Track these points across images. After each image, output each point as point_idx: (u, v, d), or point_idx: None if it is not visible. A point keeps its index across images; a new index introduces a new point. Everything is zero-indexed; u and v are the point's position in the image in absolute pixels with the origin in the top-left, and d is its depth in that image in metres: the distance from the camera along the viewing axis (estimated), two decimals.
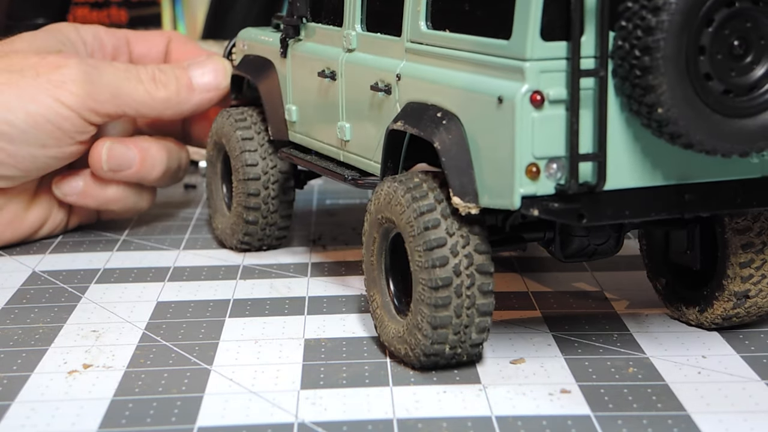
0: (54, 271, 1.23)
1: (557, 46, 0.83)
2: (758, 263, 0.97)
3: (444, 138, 0.90)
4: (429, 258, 0.88)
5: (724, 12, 0.83)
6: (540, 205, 0.84)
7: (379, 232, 0.95)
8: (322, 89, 1.12)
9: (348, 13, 1.08)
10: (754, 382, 0.90)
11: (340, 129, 1.09)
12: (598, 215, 0.85)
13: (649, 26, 0.81)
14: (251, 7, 2.12)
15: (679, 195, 0.88)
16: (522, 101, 0.83)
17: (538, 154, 0.84)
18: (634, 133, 0.86)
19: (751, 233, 0.96)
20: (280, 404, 0.88)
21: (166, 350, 0.99)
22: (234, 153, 1.25)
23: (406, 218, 0.90)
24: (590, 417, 0.84)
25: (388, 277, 0.96)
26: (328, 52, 1.11)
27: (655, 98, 0.82)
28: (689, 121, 0.83)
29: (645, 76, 0.82)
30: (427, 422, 0.84)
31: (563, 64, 0.83)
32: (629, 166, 0.86)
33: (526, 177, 0.84)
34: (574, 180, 0.84)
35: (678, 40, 0.82)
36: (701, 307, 1.00)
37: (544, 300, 1.10)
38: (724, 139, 0.85)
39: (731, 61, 0.84)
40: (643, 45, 0.81)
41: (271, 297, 1.13)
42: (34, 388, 0.92)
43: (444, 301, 0.88)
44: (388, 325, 0.95)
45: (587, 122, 0.84)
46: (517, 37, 0.84)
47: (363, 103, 1.05)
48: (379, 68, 1.02)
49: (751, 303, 0.99)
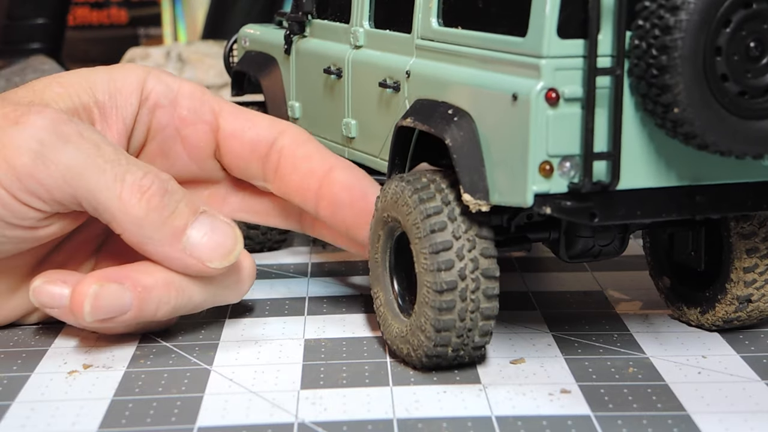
0: None
1: (574, 44, 0.83)
2: (762, 268, 0.97)
3: (455, 135, 0.89)
4: (435, 261, 0.88)
5: (741, 13, 0.83)
6: (552, 203, 0.84)
7: (384, 231, 0.95)
8: (328, 86, 1.12)
9: (356, 10, 1.08)
10: (754, 382, 0.90)
11: (346, 126, 1.09)
12: (610, 214, 0.85)
13: (667, 25, 0.81)
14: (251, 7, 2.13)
15: (690, 197, 0.87)
16: (537, 99, 0.83)
17: (552, 152, 0.83)
18: (648, 134, 0.86)
19: (757, 238, 0.96)
20: (280, 404, 0.88)
21: (166, 350, 0.99)
22: None
23: (413, 219, 0.90)
24: (590, 417, 0.84)
25: (392, 275, 0.96)
26: (334, 49, 1.11)
27: (671, 98, 0.82)
28: (705, 122, 0.83)
29: (662, 76, 0.82)
30: (427, 422, 0.84)
31: (579, 62, 0.83)
32: (642, 167, 0.86)
33: (540, 175, 0.83)
34: (588, 178, 0.83)
35: (695, 40, 0.81)
36: (703, 309, 1.00)
37: (544, 300, 1.10)
38: (739, 141, 0.84)
39: (747, 63, 0.84)
40: (661, 44, 0.81)
41: (271, 297, 1.13)
42: (34, 388, 0.92)
43: (448, 305, 0.88)
44: (392, 324, 0.95)
45: (602, 121, 0.84)
46: (533, 34, 0.84)
47: (370, 101, 1.05)
48: (387, 65, 1.02)
49: (753, 307, 0.99)
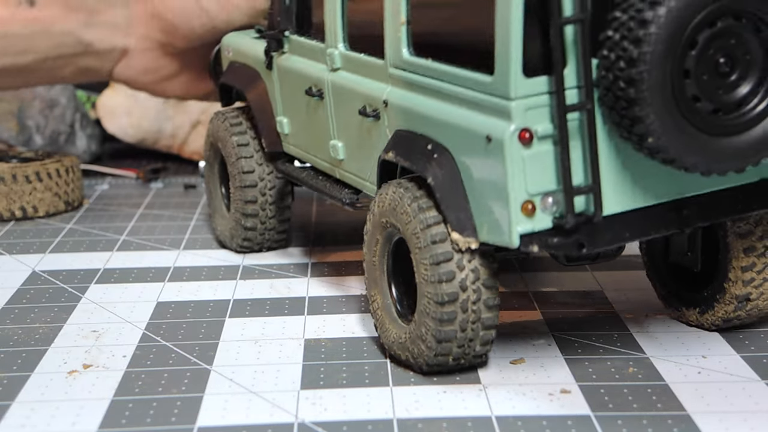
0: (54, 270, 1.23)
1: (541, 81, 0.82)
2: (760, 267, 0.97)
3: (437, 173, 0.88)
4: (435, 272, 0.87)
5: (707, 33, 0.81)
6: (539, 241, 0.83)
7: (383, 235, 0.94)
8: (311, 106, 1.10)
9: (329, 31, 1.04)
10: (755, 382, 0.90)
11: (333, 148, 1.06)
12: (598, 242, 0.85)
13: (632, 58, 0.79)
14: None
15: (677, 211, 0.87)
16: (511, 140, 0.82)
17: (533, 190, 0.83)
18: (627, 157, 0.84)
19: (753, 237, 0.96)
20: (280, 404, 0.88)
21: (166, 350, 0.99)
22: (230, 159, 1.24)
23: (412, 229, 0.89)
24: (590, 417, 0.84)
25: (390, 280, 0.96)
26: (313, 69, 1.08)
27: (644, 128, 0.81)
28: (680, 147, 0.82)
29: (631, 108, 0.80)
30: (427, 422, 0.84)
31: (549, 98, 0.82)
32: (625, 190, 0.85)
33: (522, 215, 0.83)
34: (571, 214, 0.82)
35: (662, 69, 0.80)
36: (701, 309, 1.00)
37: (544, 300, 1.10)
38: (719, 160, 0.83)
39: (718, 79, 0.82)
40: (627, 77, 0.80)
41: (271, 297, 1.13)
42: (34, 388, 0.92)
43: (449, 316, 0.88)
44: (390, 329, 0.95)
45: (578, 154, 0.83)
46: (500, 75, 0.82)
47: (353, 126, 1.02)
48: (365, 92, 0.99)
49: (752, 306, 0.99)
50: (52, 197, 1.43)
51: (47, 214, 1.43)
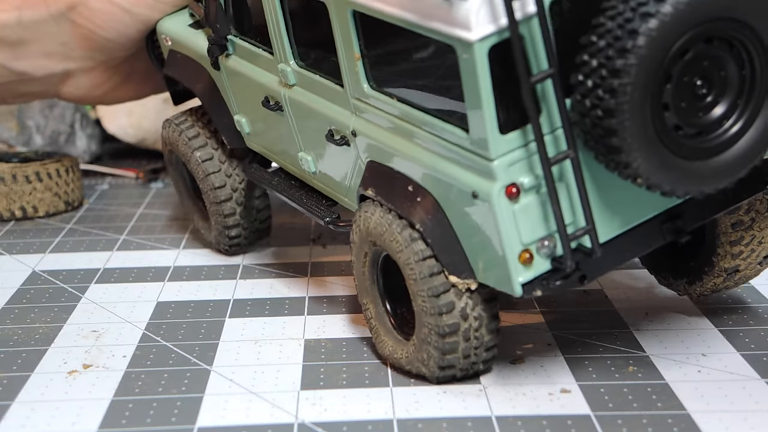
0: (54, 270, 1.23)
1: (518, 135, 0.80)
2: (747, 239, 0.97)
3: (424, 218, 0.86)
4: (435, 305, 0.86)
5: (680, 64, 0.79)
6: (542, 286, 0.83)
7: (371, 250, 0.92)
8: (272, 117, 1.05)
9: (277, 46, 0.99)
10: (754, 380, 0.90)
11: (303, 160, 1.03)
12: (599, 270, 0.85)
13: (609, 108, 0.77)
14: None
15: (672, 220, 0.87)
16: (498, 198, 0.80)
17: (527, 240, 0.82)
18: (611, 182, 0.83)
19: (740, 211, 0.96)
20: (280, 404, 0.88)
21: (166, 350, 0.99)
22: (198, 176, 1.20)
23: (405, 258, 0.87)
24: (590, 417, 0.84)
25: (381, 292, 0.94)
26: (265, 78, 1.03)
27: (632, 172, 0.80)
28: (673, 180, 0.81)
29: (615, 155, 0.79)
30: (427, 422, 0.84)
31: (530, 149, 0.80)
32: (615, 215, 0.85)
33: (521, 265, 0.82)
34: (570, 260, 0.82)
35: (641, 113, 0.78)
36: (689, 279, 1.01)
37: (545, 300, 1.10)
38: (711, 181, 0.83)
39: (696, 102, 0.81)
40: (607, 127, 0.78)
41: (271, 297, 1.13)
42: (34, 388, 0.92)
43: (452, 347, 0.87)
44: (385, 340, 0.94)
45: (566, 198, 0.82)
46: (476, 134, 0.80)
47: (321, 145, 0.99)
48: (329, 115, 0.95)
49: (740, 276, 1.00)
50: (52, 197, 1.43)
51: (47, 214, 1.43)
